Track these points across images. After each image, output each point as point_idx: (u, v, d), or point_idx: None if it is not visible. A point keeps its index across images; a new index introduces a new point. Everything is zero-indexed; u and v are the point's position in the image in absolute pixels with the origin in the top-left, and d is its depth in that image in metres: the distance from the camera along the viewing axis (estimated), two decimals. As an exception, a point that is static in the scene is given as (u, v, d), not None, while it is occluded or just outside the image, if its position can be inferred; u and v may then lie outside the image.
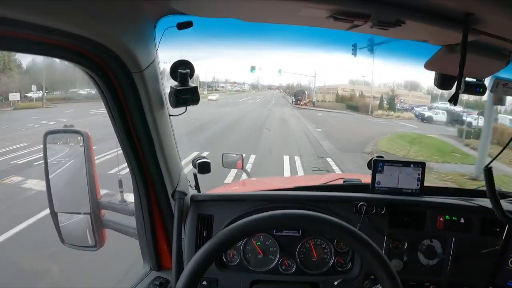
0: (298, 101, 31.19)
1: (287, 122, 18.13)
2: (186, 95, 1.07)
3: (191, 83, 1.10)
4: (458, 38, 0.92)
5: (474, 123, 19.58)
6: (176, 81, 1.08)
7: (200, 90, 1.15)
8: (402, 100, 28.57)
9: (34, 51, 0.80)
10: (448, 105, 23.50)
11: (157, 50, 1.05)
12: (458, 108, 21.30)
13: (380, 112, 25.67)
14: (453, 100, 0.92)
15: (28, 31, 0.70)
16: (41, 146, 1.36)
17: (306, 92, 33.68)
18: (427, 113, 22.36)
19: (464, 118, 20.25)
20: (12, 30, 0.69)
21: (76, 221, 1.40)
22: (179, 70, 1.07)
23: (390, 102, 27.62)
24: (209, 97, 28.69)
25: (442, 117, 21.46)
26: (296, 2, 0.82)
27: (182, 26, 1.04)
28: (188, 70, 1.08)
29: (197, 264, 0.80)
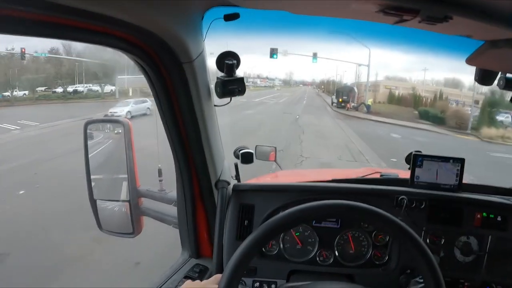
0: (343, 103, 22.31)
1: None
2: (232, 85, 1.08)
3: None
4: (503, 33, 0.91)
5: None
6: (222, 72, 1.10)
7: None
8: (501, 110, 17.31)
9: (86, 39, 0.81)
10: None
11: (204, 41, 1.07)
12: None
13: (492, 131, 15.03)
14: None
15: (81, 18, 0.71)
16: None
17: (355, 89, 23.96)
18: None
19: None
20: (65, 18, 0.70)
21: (114, 208, 1.44)
22: (226, 61, 1.08)
23: (491, 111, 16.83)
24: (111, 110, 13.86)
25: None
26: None
27: (229, 17, 1.05)
28: (234, 61, 1.09)
29: (241, 255, 0.80)
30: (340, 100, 23.05)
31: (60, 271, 3.49)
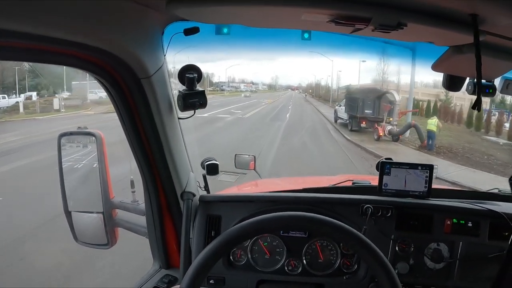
0: (366, 125, 12.28)
1: None
2: (193, 98, 1.10)
3: (199, 87, 1.13)
4: (465, 39, 0.92)
5: None
6: (184, 85, 1.11)
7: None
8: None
9: (47, 60, 0.85)
10: None
11: (165, 55, 1.09)
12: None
13: None
14: (477, 106, 0.88)
15: (40, 42, 0.75)
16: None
17: (396, 95, 12.73)
18: None
19: None
20: (26, 43, 0.74)
21: (89, 219, 1.45)
22: (187, 75, 1.10)
23: None
24: None
25: None
26: (298, 7, 0.83)
27: (189, 32, 1.07)
28: (195, 75, 1.11)
29: (203, 261, 0.83)
30: (361, 118, 12.38)
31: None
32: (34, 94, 16.41)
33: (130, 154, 1.26)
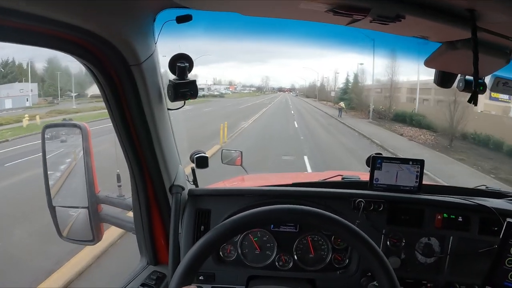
0: None
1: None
2: (184, 88, 1.07)
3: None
4: (460, 34, 0.92)
5: None
6: (175, 74, 1.08)
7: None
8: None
9: (33, 42, 0.80)
10: None
11: (156, 43, 1.06)
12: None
13: None
14: (473, 100, 0.88)
15: (26, 21, 0.71)
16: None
17: None
18: None
19: None
20: (10, 20, 0.69)
21: (74, 215, 1.40)
22: (178, 64, 1.07)
23: None
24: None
25: None
26: None
27: (181, 19, 1.04)
28: (187, 64, 1.08)
29: (193, 258, 0.80)
30: None
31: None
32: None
33: (116, 146, 1.22)
